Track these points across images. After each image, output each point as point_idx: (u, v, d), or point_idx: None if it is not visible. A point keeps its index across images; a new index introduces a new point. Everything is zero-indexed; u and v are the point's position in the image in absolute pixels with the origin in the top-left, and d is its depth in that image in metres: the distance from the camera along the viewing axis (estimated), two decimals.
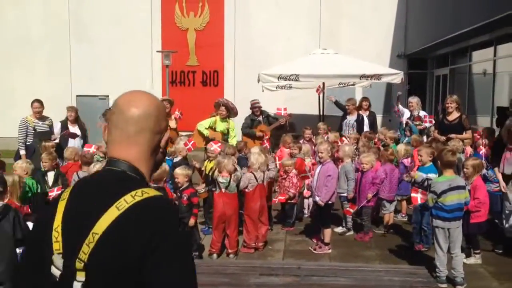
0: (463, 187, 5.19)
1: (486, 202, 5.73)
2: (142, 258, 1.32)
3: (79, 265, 1.35)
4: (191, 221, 5.72)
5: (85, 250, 1.35)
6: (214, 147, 7.00)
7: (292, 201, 7.12)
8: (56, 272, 1.40)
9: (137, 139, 1.51)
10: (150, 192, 1.43)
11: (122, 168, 1.49)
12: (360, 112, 10.16)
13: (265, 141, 8.77)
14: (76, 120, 8.99)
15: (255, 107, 10.06)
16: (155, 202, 1.41)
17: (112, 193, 1.41)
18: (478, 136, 7.50)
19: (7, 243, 3.91)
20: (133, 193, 1.39)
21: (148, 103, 1.53)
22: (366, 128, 9.85)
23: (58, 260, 1.40)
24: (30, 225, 4.46)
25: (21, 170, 5.85)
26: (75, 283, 1.36)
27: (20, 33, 15.91)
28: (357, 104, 10.39)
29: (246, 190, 6.20)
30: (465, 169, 5.85)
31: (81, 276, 1.35)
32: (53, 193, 5.60)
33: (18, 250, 4.10)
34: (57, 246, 1.41)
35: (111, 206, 1.37)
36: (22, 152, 8.37)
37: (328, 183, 6.25)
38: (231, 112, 9.10)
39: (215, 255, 6.06)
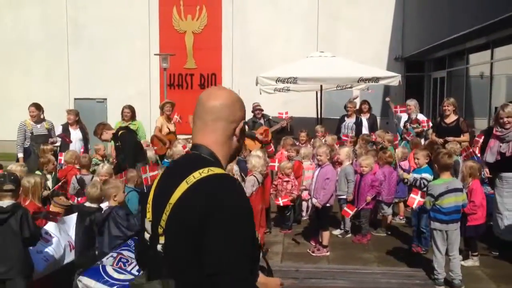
0: (460, 190, 5.20)
1: (482, 205, 5.75)
2: (201, 226, 1.54)
3: (160, 230, 1.65)
4: None
5: (164, 218, 1.64)
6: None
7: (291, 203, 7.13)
8: (147, 236, 1.74)
9: (213, 126, 1.76)
10: (216, 170, 1.66)
11: (199, 151, 1.75)
12: (360, 114, 10.19)
13: (271, 145, 8.76)
14: (77, 123, 8.99)
15: (256, 110, 10.10)
16: (217, 178, 1.64)
17: (187, 171, 1.66)
18: (478, 139, 7.49)
19: (14, 241, 3.96)
20: (200, 170, 1.64)
21: (224, 96, 1.79)
22: (365, 130, 9.87)
23: (148, 226, 1.73)
24: (51, 225, 4.53)
25: None
26: (158, 245, 1.65)
27: (18, 36, 15.90)
28: (357, 106, 10.42)
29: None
30: (462, 172, 5.87)
31: (162, 240, 1.64)
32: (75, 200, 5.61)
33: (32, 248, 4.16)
34: (148, 215, 1.74)
35: (183, 181, 1.63)
36: (20, 155, 8.39)
37: (326, 186, 6.27)
38: None
39: None
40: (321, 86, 11.69)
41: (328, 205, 6.34)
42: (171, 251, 1.62)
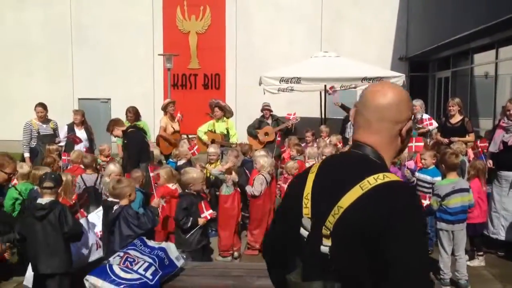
0: (466, 190, 5.19)
1: (479, 204, 5.75)
2: (379, 233, 1.44)
3: (325, 232, 1.53)
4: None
5: (331, 220, 1.52)
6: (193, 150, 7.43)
7: None
8: (304, 233, 1.59)
9: (377, 127, 1.64)
10: (392, 177, 1.54)
11: (365, 152, 1.64)
12: None
13: (277, 141, 8.76)
14: (83, 123, 9.01)
15: (265, 109, 10.10)
16: (396, 185, 1.53)
17: (356, 173, 1.55)
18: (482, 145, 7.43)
19: (54, 237, 4.09)
20: (375, 176, 1.52)
21: (391, 95, 1.64)
22: None
23: (307, 223, 1.59)
24: (82, 222, 4.64)
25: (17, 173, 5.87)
26: (322, 247, 1.53)
27: (21, 37, 15.94)
28: None
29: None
30: (468, 171, 5.88)
31: (327, 242, 1.53)
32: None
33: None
34: (306, 211, 1.61)
35: (355, 185, 1.51)
36: (26, 155, 8.41)
37: None
38: (225, 110, 9.15)
39: (229, 258, 6.05)
40: (325, 86, 11.65)
41: None
42: (339, 255, 1.52)
